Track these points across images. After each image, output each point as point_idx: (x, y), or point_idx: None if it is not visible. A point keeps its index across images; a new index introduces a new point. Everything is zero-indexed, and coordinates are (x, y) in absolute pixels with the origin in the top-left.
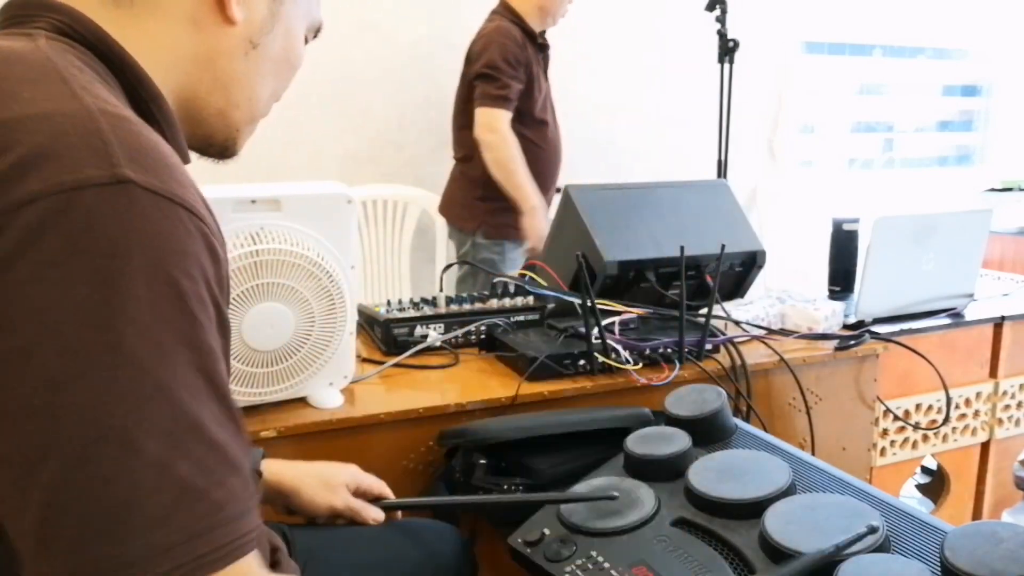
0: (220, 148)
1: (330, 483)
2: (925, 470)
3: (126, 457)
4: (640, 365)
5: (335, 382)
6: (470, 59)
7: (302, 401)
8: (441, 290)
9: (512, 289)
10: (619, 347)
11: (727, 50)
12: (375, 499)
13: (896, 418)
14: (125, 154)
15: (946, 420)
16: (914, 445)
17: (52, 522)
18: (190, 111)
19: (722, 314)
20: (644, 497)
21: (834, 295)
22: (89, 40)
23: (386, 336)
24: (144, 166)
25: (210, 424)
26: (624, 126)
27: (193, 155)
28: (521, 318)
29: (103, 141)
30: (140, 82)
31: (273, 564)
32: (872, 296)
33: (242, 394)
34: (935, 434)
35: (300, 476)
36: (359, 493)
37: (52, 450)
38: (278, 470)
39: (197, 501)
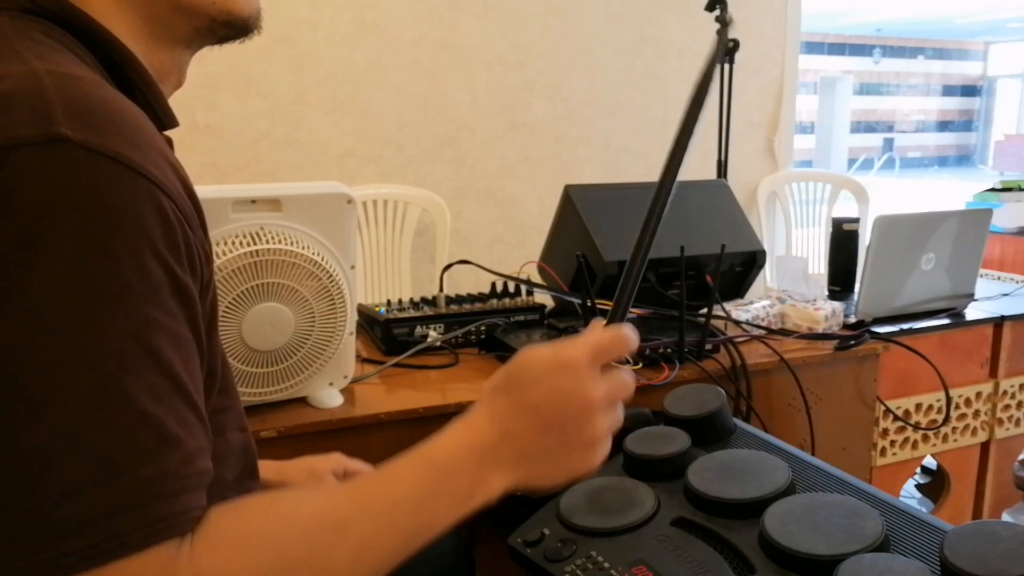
0: (224, 27)
1: (314, 471)
2: (925, 470)
3: (31, 426)
4: (640, 365)
5: (335, 382)
6: None
7: (302, 401)
8: (441, 290)
9: (512, 289)
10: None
11: (727, 50)
12: None
13: (896, 418)
14: (67, 112)
15: (946, 420)
16: (914, 445)
17: None
18: (162, 30)
19: (722, 314)
20: (644, 497)
21: (834, 295)
22: (56, 14)
23: (386, 336)
24: (88, 123)
25: (142, 397)
26: (624, 126)
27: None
28: (521, 318)
29: (43, 100)
30: (111, 47)
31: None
32: (872, 296)
33: (242, 394)
34: (935, 434)
35: (283, 470)
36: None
37: None
38: (263, 471)
39: (118, 475)
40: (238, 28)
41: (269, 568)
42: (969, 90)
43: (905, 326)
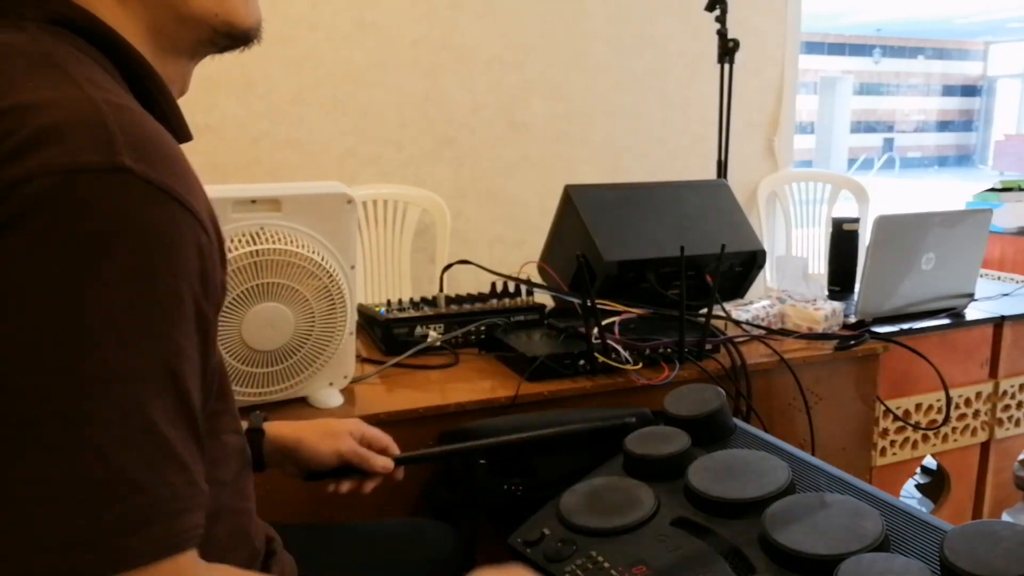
0: (225, 37)
1: (332, 431)
2: (925, 470)
3: (66, 441)
4: (640, 365)
5: (335, 382)
6: None
7: (302, 401)
8: (441, 290)
9: (512, 289)
10: (619, 347)
11: (727, 50)
12: (381, 452)
13: (896, 418)
14: (126, 143)
15: (946, 420)
16: (914, 445)
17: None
18: (167, 41)
19: (722, 314)
20: (644, 497)
21: (834, 295)
22: (80, 26)
23: (386, 336)
24: (144, 156)
25: (162, 421)
26: (624, 126)
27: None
28: (521, 318)
29: (105, 128)
30: (132, 59)
31: (269, 554)
32: (872, 296)
33: (242, 394)
34: (935, 434)
35: (302, 428)
36: (364, 444)
37: None
38: (279, 428)
39: (136, 493)
40: (239, 39)
41: None
42: (969, 90)
43: (905, 326)
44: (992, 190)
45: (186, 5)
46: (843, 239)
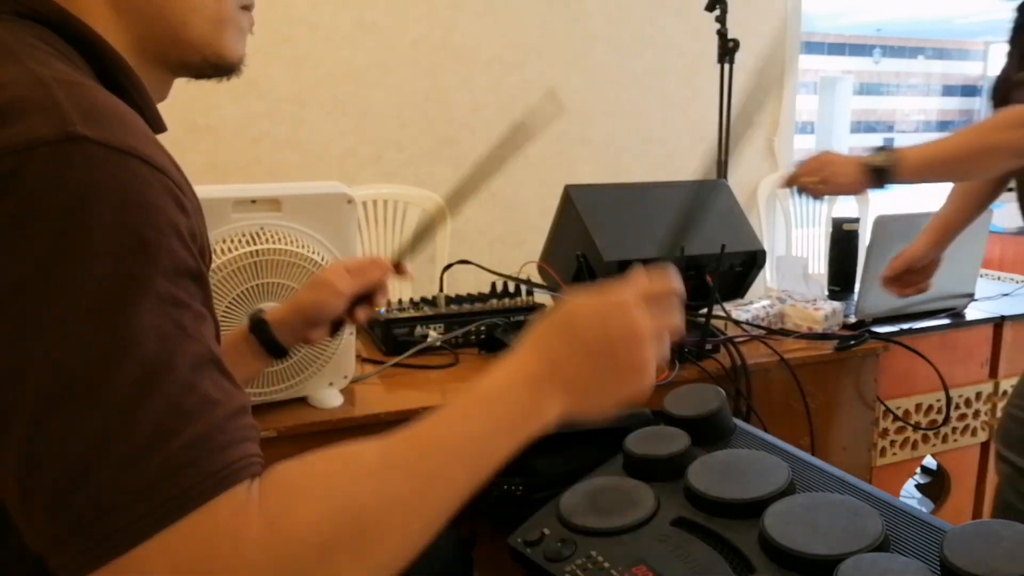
0: (211, 67)
1: (320, 280)
2: (925, 470)
3: (91, 407)
4: None
5: (335, 382)
6: None
7: (302, 401)
8: (441, 290)
9: (512, 289)
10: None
11: (727, 50)
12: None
13: (896, 418)
14: (78, 112)
15: (946, 420)
16: (914, 445)
17: (29, 478)
18: (154, 54)
19: (722, 314)
20: (644, 497)
21: (834, 295)
22: (50, 19)
23: (386, 336)
24: (99, 122)
25: (183, 367)
26: (623, 126)
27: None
28: (521, 318)
29: (55, 103)
30: (104, 54)
31: None
32: (872, 296)
33: None
34: (935, 434)
35: (294, 297)
36: (355, 273)
37: (19, 407)
38: (276, 311)
39: (172, 437)
40: (223, 71)
41: (340, 508)
42: (969, 90)
43: (905, 326)
44: None
45: (185, 30)
46: (843, 239)
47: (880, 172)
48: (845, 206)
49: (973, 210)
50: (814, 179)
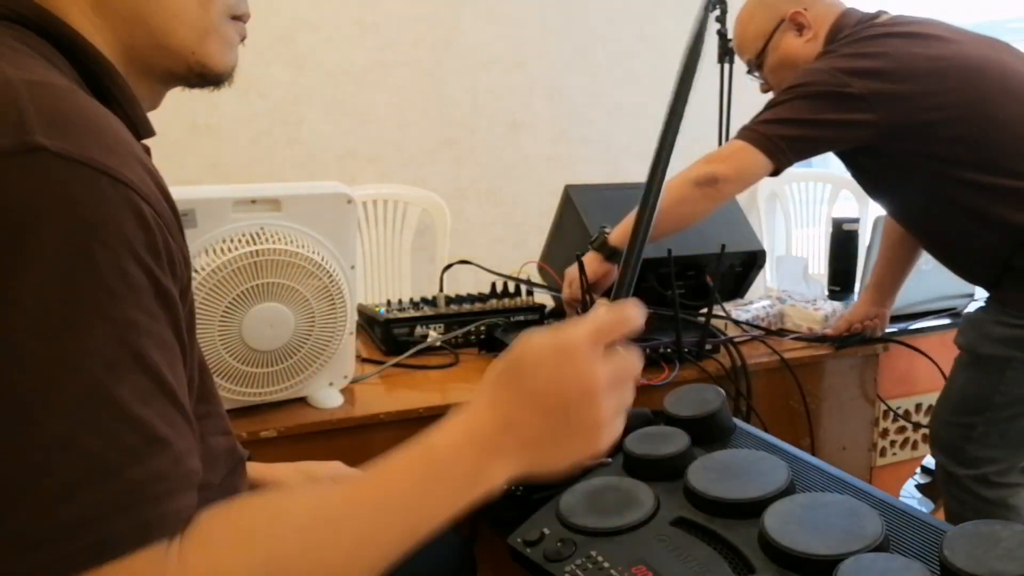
0: (197, 77)
1: (313, 476)
2: (925, 470)
3: (24, 431)
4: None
5: (335, 382)
6: None
7: (302, 401)
8: (441, 290)
9: (512, 289)
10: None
11: (727, 50)
12: None
13: (896, 418)
14: (42, 121)
15: None
16: (914, 445)
17: None
18: (139, 62)
19: (722, 314)
20: (644, 497)
21: (834, 295)
22: (33, 22)
23: (386, 336)
24: (63, 132)
25: (130, 400)
26: (623, 126)
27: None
28: (521, 318)
29: (17, 109)
30: (89, 57)
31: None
32: None
33: (242, 394)
34: None
35: (281, 471)
36: None
37: None
38: (259, 471)
39: (110, 477)
40: (210, 80)
41: (260, 565)
42: None
43: (905, 326)
44: None
45: (166, 36)
46: (843, 239)
47: (604, 250)
48: (845, 206)
49: (903, 263)
50: (571, 291)
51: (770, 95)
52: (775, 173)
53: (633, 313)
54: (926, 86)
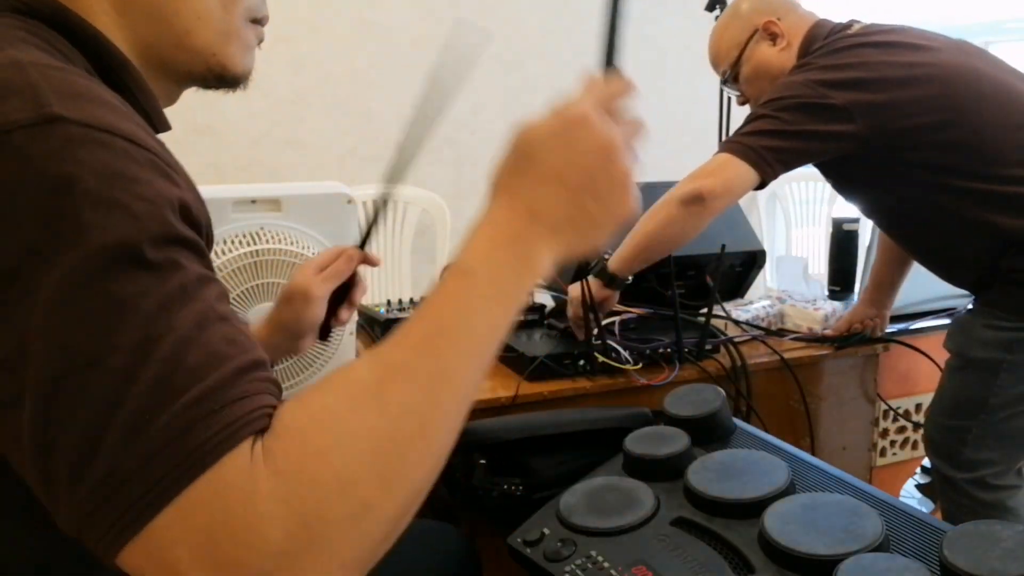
0: (215, 78)
1: (292, 290)
2: (925, 470)
3: (94, 378)
4: (640, 365)
5: None
6: None
7: None
8: None
9: None
10: (619, 347)
11: None
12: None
13: (896, 418)
14: (55, 93)
15: None
16: (914, 445)
17: (47, 460)
18: (158, 61)
19: (722, 314)
20: (644, 497)
21: (834, 295)
22: (49, 17)
23: (386, 336)
24: (78, 104)
25: (184, 326)
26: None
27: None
28: (521, 318)
29: (30, 85)
30: (104, 51)
31: None
32: None
33: None
34: None
35: (271, 314)
36: (324, 267)
37: (26, 389)
38: (256, 330)
39: (178, 395)
40: (227, 82)
41: (347, 438)
42: None
43: (905, 326)
44: None
45: (189, 36)
46: (843, 239)
47: (603, 276)
48: (845, 206)
49: (902, 263)
50: (574, 310)
51: (748, 108)
52: (761, 186)
53: (624, 80)
54: (904, 94)
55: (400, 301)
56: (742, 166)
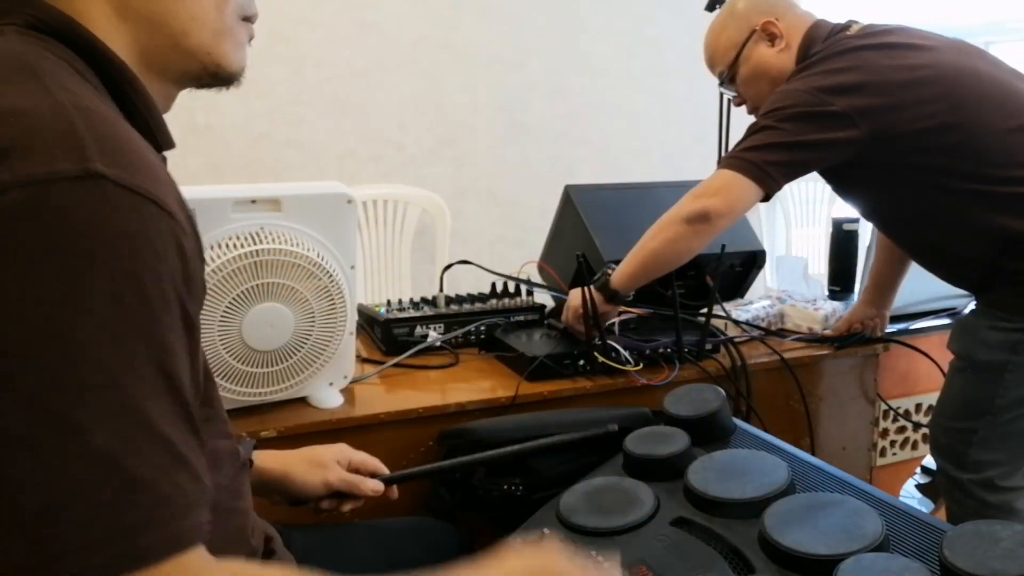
0: (210, 77)
1: (319, 460)
2: (925, 470)
3: (71, 446)
4: (640, 365)
5: (335, 382)
6: None
7: (302, 401)
8: (441, 290)
9: (512, 289)
10: (619, 347)
11: None
12: (371, 475)
13: (896, 418)
14: (98, 148)
15: None
16: (914, 445)
17: (2, 504)
18: (156, 63)
19: (722, 314)
20: (644, 497)
21: (834, 295)
22: (60, 32)
23: (386, 336)
24: (117, 161)
25: (160, 419)
26: (623, 126)
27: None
28: (521, 318)
29: (76, 136)
30: (113, 66)
31: (267, 553)
32: None
33: (242, 394)
34: None
35: (288, 459)
36: (352, 469)
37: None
38: (266, 459)
39: (142, 493)
40: (222, 80)
41: None
42: None
43: (905, 326)
44: None
45: (185, 37)
46: (843, 239)
47: (605, 291)
48: (845, 206)
49: (901, 263)
50: (570, 316)
51: (745, 110)
52: (766, 199)
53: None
54: (905, 96)
55: (400, 301)
56: (746, 183)
